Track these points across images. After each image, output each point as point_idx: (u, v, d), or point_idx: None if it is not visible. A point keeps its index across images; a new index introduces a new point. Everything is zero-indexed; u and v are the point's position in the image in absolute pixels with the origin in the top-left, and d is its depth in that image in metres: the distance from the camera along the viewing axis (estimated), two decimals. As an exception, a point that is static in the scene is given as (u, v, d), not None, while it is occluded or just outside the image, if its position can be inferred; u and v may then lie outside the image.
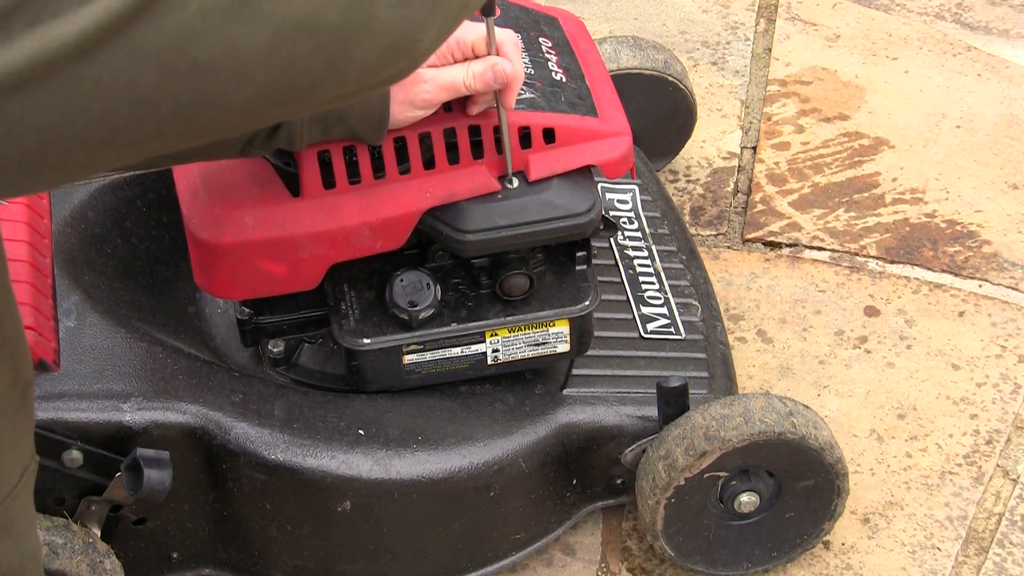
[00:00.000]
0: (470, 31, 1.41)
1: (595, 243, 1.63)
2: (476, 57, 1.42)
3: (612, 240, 1.83)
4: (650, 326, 1.73)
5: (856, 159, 2.22)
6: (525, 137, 1.47)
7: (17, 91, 0.74)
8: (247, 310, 1.58)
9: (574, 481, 1.65)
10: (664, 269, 1.80)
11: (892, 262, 2.06)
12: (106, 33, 0.74)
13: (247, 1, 0.76)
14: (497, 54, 1.41)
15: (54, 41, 0.73)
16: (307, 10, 0.78)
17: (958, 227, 2.11)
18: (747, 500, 1.60)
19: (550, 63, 1.56)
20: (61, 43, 0.73)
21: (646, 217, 1.88)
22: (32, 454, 1.02)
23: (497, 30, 1.41)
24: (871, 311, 1.99)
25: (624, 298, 1.76)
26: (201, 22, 0.75)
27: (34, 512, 1.06)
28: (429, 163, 1.46)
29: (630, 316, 1.74)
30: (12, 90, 0.73)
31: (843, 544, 1.73)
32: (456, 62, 1.42)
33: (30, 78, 0.73)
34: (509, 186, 1.47)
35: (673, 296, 1.77)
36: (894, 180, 2.18)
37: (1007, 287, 2.02)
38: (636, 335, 1.72)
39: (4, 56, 0.72)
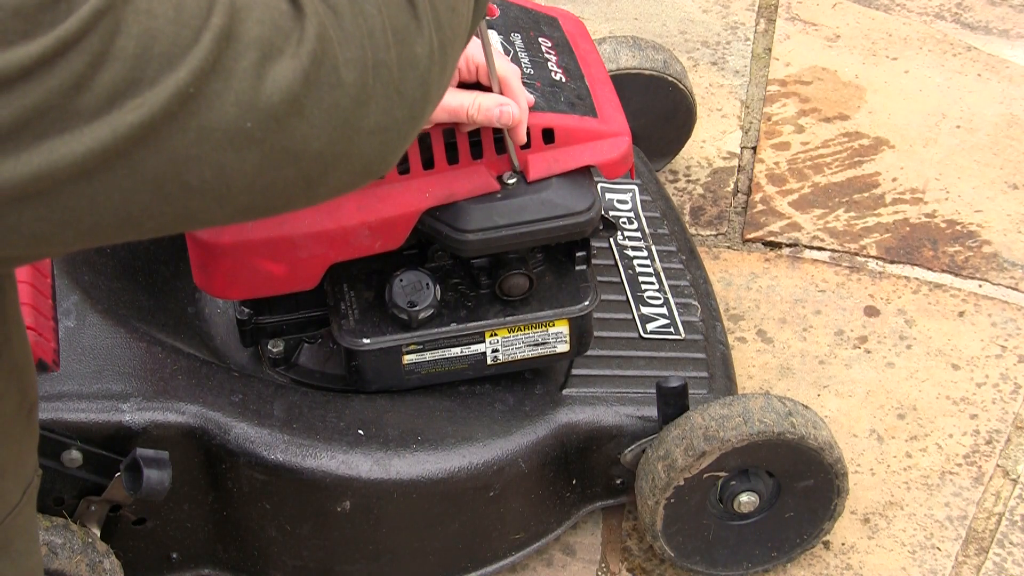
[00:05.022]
0: (480, 54, 1.41)
1: (595, 243, 1.63)
2: (479, 81, 1.42)
3: (612, 240, 1.83)
4: (650, 326, 1.73)
5: (856, 159, 2.22)
6: (524, 137, 1.47)
7: (18, 203, 0.75)
8: (247, 310, 1.58)
9: (574, 481, 1.65)
10: (664, 269, 1.80)
11: (892, 262, 2.06)
12: (110, 155, 0.75)
13: (240, 129, 0.78)
14: (501, 89, 1.41)
15: (60, 160, 0.74)
16: (295, 138, 0.80)
17: (958, 227, 2.11)
18: (747, 500, 1.60)
19: (550, 63, 1.56)
20: (67, 162, 0.74)
21: (646, 217, 1.88)
22: (35, 470, 1.02)
23: (501, 63, 1.41)
24: (871, 311, 1.99)
25: (624, 298, 1.76)
26: (197, 147, 0.77)
27: (36, 530, 1.05)
28: (428, 163, 1.46)
29: (630, 316, 1.74)
30: (13, 201, 0.74)
31: (843, 544, 1.73)
32: (461, 79, 1.42)
33: (32, 192, 0.74)
34: (509, 182, 1.47)
35: (673, 296, 1.77)
36: (894, 180, 2.18)
37: (1007, 287, 2.02)
38: (636, 335, 1.72)
39: (12, 167, 0.73)
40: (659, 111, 2.06)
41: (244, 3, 0.78)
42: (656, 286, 1.78)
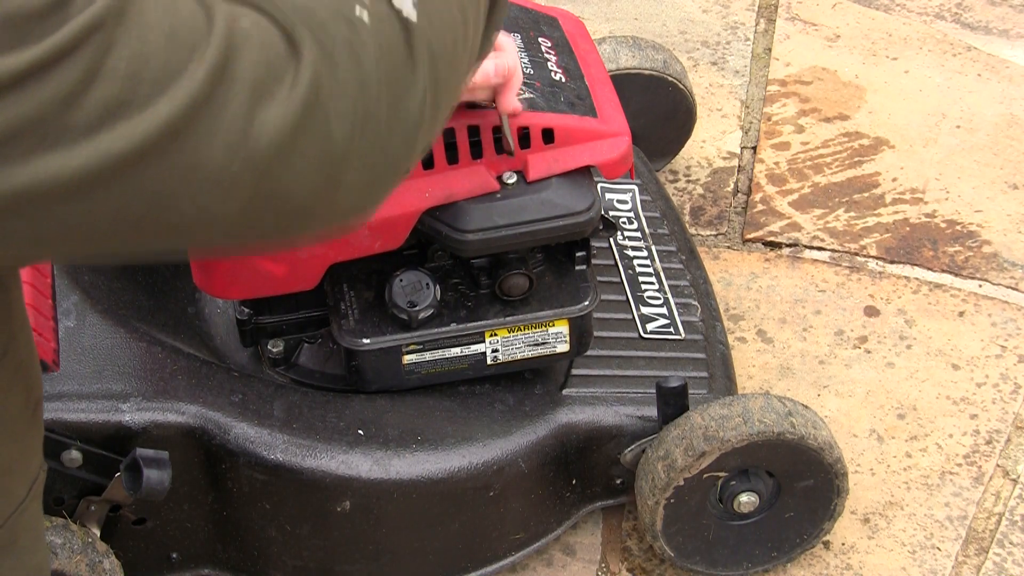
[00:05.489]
0: None
1: (595, 243, 1.63)
2: None
3: (612, 240, 1.83)
4: (650, 326, 1.73)
5: (856, 159, 2.22)
6: (524, 137, 1.47)
7: (5, 217, 0.74)
8: (247, 310, 1.58)
9: (574, 481, 1.65)
10: (664, 269, 1.80)
11: (892, 262, 2.06)
12: (94, 181, 0.74)
13: (226, 170, 0.78)
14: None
15: (46, 178, 0.73)
16: (278, 185, 0.80)
17: (958, 227, 2.11)
18: (746, 500, 1.60)
19: (549, 63, 1.56)
20: (53, 182, 0.73)
21: (646, 217, 1.88)
22: (40, 466, 1.02)
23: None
24: (871, 311, 1.99)
25: (624, 298, 1.76)
26: (181, 185, 0.77)
27: (42, 527, 1.05)
28: (428, 163, 1.46)
29: (630, 316, 1.74)
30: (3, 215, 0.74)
31: (843, 544, 1.73)
32: None
33: (12, 208, 0.74)
34: (508, 182, 1.47)
35: (673, 296, 1.77)
36: (894, 180, 2.18)
37: (1007, 287, 2.02)
38: (636, 335, 1.72)
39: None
40: (659, 111, 2.06)
41: (241, 40, 0.77)
42: (656, 286, 1.78)
